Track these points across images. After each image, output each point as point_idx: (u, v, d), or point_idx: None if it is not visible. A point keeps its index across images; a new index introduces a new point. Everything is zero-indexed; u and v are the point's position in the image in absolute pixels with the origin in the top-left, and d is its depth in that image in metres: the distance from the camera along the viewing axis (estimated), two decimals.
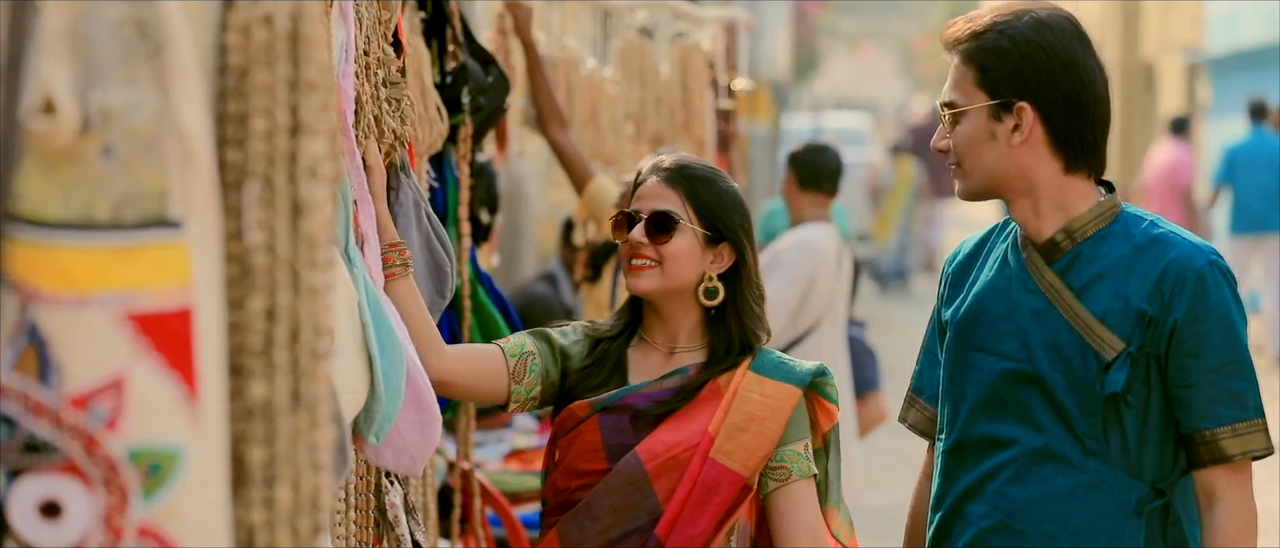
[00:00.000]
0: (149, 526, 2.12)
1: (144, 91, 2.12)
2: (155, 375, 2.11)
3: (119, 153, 2.12)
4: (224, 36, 2.34)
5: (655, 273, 3.97)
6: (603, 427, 3.96)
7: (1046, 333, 3.79)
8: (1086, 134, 3.78)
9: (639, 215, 4.00)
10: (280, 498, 2.31)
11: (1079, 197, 3.80)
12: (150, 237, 2.12)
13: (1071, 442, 3.77)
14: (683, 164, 4.06)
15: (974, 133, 3.79)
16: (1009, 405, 3.82)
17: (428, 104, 4.70)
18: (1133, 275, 3.74)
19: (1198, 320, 3.71)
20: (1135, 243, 3.77)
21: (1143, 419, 3.75)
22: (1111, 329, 3.74)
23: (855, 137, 33.12)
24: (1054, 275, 3.80)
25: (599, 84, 8.25)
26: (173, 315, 2.12)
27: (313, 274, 2.34)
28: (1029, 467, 3.80)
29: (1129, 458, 3.75)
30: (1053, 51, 3.75)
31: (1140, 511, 3.75)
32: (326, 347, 2.36)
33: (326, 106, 2.37)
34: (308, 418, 2.33)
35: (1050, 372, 3.78)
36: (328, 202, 2.37)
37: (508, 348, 4.01)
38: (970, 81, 3.79)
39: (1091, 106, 3.78)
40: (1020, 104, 3.74)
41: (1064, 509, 3.78)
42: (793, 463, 3.95)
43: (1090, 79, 3.78)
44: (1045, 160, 3.77)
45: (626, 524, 3.90)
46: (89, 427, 2.10)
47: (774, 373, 3.98)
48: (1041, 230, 3.81)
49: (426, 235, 4.03)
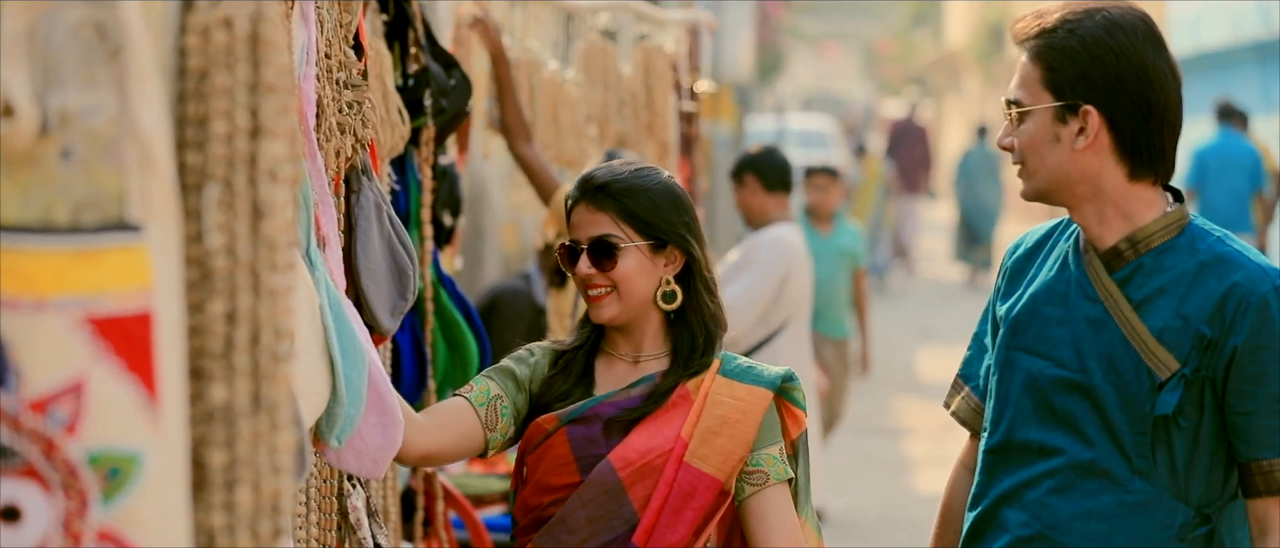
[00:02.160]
0: (109, 530, 2.12)
1: (103, 94, 2.12)
2: (115, 379, 2.11)
3: (78, 156, 2.11)
4: (183, 39, 2.34)
5: (613, 300, 3.91)
6: (572, 439, 3.90)
7: (1102, 344, 3.69)
8: (1154, 141, 3.67)
9: (579, 247, 3.93)
10: (241, 501, 2.31)
11: (1145, 205, 3.70)
12: (110, 240, 2.11)
13: (1119, 458, 3.68)
14: (607, 180, 3.94)
15: (1038, 133, 3.70)
16: (1057, 414, 3.74)
17: (389, 107, 4.69)
18: (1194, 294, 3.63)
19: (1260, 348, 3.60)
20: (1200, 259, 3.66)
21: (1193, 442, 3.65)
22: (1168, 348, 3.64)
23: (818, 139, 33.12)
24: (1114, 285, 3.70)
25: (561, 86, 8.24)
26: (132, 319, 2.12)
27: (273, 277, 2.34)
28: (1074, 480, 3.71)
29: (1176, 480, 3.66)
30: (1123, 54, 3.63)
31: (1184, 536, 3.66)
32: (287, 349, 2.36)
33: (287, 109, 2.37)
34: (268, 421, 2.32)
35: (1103, 385, 3.68)
36: (288, 204, 2.37)
37: (474, 398, 3.94)
38: (1037, 80, 3.70)
39: (1161, 112, 3.66)
40: (1086, 107, 3.64)
41: (1107, 527, 3.68)
42: (769, 467, 3.89)
43: (1161, 84, 3.66)
44: (1110, 166, 3.67)
45: (604, 535, 3.84)
46: (48, 431, 2.10)
47: (743, 377, 3.93)
48: (1104, 237, 3.71)
49: (388, 238, 4.02)
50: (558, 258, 4.01)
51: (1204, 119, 19.14)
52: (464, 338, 5.35)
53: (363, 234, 3.90)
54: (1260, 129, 19.20)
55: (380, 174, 4.37)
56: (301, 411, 2.90)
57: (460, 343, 5.35)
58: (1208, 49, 22.51)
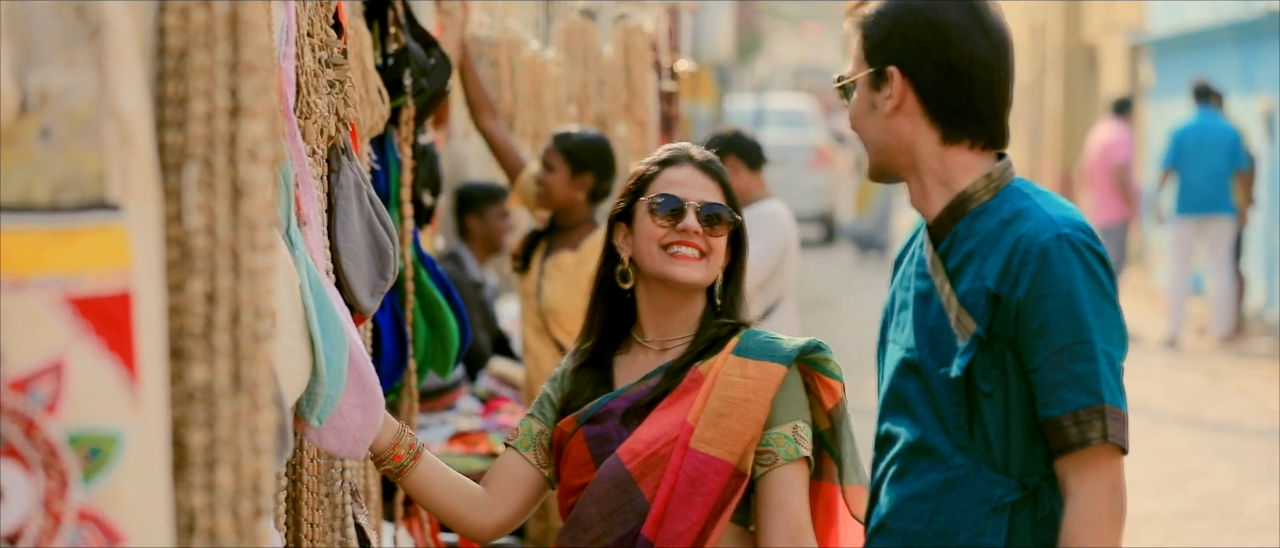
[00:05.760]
0: (89, 510, 2.12)
1: (82, 73, 2.11)
2: (95, 359, 2.11)
3: (57, 135, 2.11)
4: (163, 18, 2.33)
5: (703, 264, 3.90)
6: (588, 438, 3.88)
7: (929, 319, 3.56)
8: (963, 101, 3.52)
9: (684, 203, 3.91)
10: (221, 482, 2.31)
11: (962, 170, 3.55)
12: (89, 219, 2.11)
13: (942, 434, 3.51)
14: (710, 158, 4.01)
15: (859, 105, 3.60)
16: (899, 398, 3.60)
17: (369, 86, 4.69)
18: (993, 253, 3.47)
19: (1040, 298, 3.41)
20: (1001, 217, 3.50)
21: (1004, 409, 3.46)
22: (969, 311, 3.47)
23: (799, 118, 33.15)
24: (938, 257, 3.56)
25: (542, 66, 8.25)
26: (112, 299, 2.11)
27: (253, 257, 2.34)
28: (909, 462, 3.57)
29: (992, 451, 3.48)
30: (921, 12, 3.52)
31: (1001, 509, 3.47)
32: (267, 329, 2.36)
33: (266, 88, 2.37)
34: (248, 401, 2.32)
35: (929, 360, 3.54)
36: (268, 184, 2.37)
37: (520, 444, 3.98)
38: (857, 52, 3.60)
39: (966, 70, 3.51)
40: (890, 69, 3.52)
41: (930, 507, 3.53)
42: (779, 447, 3.81)
43: (963, 40, 3.51)
44: (923, 131, 3.54)
45: (619, 529, 3.81)
46: (28, 411, 2.09)
47: (758, 353, 3.86)
48: (929, 209, 3.58)
49: (368, 218, 4.02)
50: (651, 208, 3.94)
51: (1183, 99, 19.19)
52: (444, 317, 5.34)
53: (343, 214, 3.90)
54: (1241, 109, 19.23)
55: (360, 154, 4.36)
56: (282, 390, 2.90)
57: (441, 322, 5.35)
58: (1188, 29, 22.54)
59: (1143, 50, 25.48)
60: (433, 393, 7.92)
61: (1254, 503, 10.81)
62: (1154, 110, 24.26)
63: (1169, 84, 23.27)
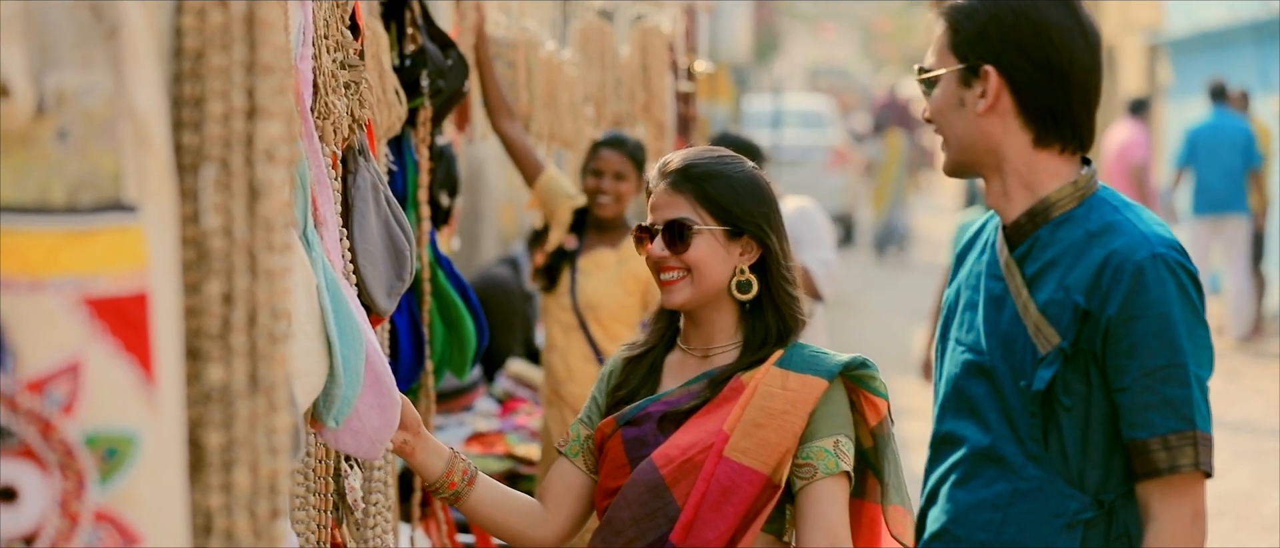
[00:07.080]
0: (106, 510, 2.12)
1: (99, 74, 2.11)
2: (112, 360, 2.11)
3: (74, 136, 2.11)
4: (180, 19, 2.33)
5: (686, 284, 3.83)
6: (625, 440, 3.86)
7: (1002, 324, 3.50)
8: (1059, 104, 3.47)
9: (655, 228, 3.86)
10: (238, 482, 2.30)
11: (1049, 175, 3.50)
12: (106, 220, 2.11)
13: (1014, 443, 3.47)
14: (687, 163, 3.88)
15: (944, 99, 3.53)
16: (966, 401, 3.56)
17: (386, 87, 4.69)
18: (1079, 265, 3.42)
19: (1134, 318, 3.37)
20: (1089, 229, 3.45)
21: (1083, 423, 3.43)
22: (1051, 322, 3.42)
23: (816, 119, 33.09)
24: (1014, 261, 3.51)
25: (558, 66, 8.24)
26: (129, 299, 2.11)
27: (270, 257, 2.33)
28: (975, 468, 3.53)
29: (1068, 464, 3.44)
30: (1022, 12, 3.45)
31: (1074, 524, 3.43)
32: (284, 330, 2.36)
33: (283, 89, 2.36)
34: (265, 402, 2.32)
35: (1001, 365, 3.50)
36: (285, 184, 2.37)
37: (569, 451, 3.96)
38: (944, 44, 3.52)
39: (1065, 73, 3.46)
40: (986, 68, 3.46)
41: (999, 517, 3.49)
42: (819, 460, 3.74)
43: (1065, 43, 3.46)
44: (1014, 132, 3.48)
45: (650, 533, 3.77)
46: (45, 411, 2.09)
47: (802, 366, 3.80)
48: (1009, 211, 3.53)
49: (385, 219, 4.02)
50: (634, 239, 3.94)
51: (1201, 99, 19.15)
52: (461, 318, 5.35)
53: (360, 215, 3.89)
54: (1258, 109, 19.19)
55: (377, 155, 4.37)
56: (296, 391, 2.90)
57: (457, 323, 5.35)
58: (1205, 28, 22.50)
59: (1160, 50, 25.44)
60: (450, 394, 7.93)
61: (1272, 503, 10.79)
62: (1172, 110, 24.21)
63: (1187, 84, 23.23)
